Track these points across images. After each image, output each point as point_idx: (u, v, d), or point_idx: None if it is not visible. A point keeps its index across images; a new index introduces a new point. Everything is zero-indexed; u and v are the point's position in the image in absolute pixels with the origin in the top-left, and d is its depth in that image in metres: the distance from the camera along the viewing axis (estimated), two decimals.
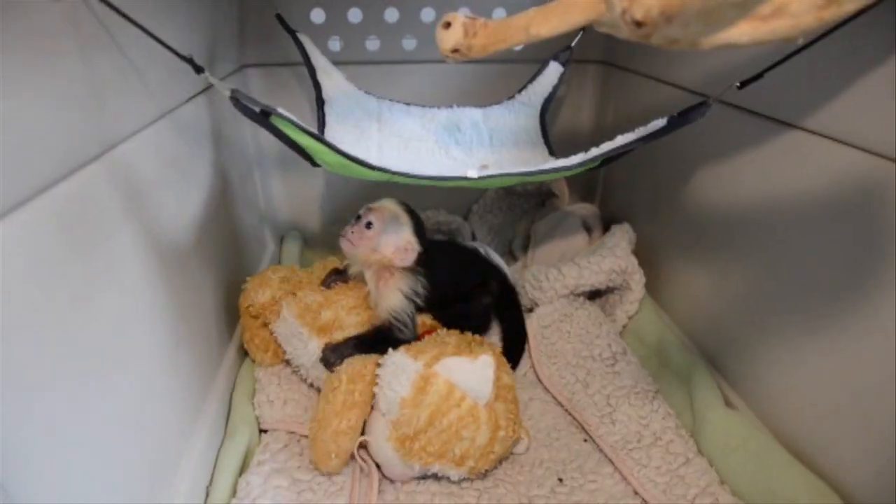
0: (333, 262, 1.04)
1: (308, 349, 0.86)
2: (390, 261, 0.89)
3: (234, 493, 0.73)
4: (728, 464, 0.77)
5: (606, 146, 0.79)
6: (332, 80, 1.08)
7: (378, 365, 0.81)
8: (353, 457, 0.79)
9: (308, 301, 0.90)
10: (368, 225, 0.89)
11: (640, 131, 0.76)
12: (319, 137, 0.74)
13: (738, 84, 0.68)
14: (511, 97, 1.17)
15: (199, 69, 0.69)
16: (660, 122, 0.74)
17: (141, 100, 0.68)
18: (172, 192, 0.75)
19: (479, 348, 0.84)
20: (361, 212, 0.92)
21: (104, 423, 0.54)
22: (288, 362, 0.92)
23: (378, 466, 0.80)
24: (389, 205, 0.92)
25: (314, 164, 0.82)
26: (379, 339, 0.86)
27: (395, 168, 0.81)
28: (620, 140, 0.78)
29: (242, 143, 1.14)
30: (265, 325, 0.91)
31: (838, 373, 0.68)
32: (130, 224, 0.61)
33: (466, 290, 1.02)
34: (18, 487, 0.42)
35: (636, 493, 0.77)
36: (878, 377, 0.63)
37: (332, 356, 0.85)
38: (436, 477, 0.79)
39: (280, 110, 0.70)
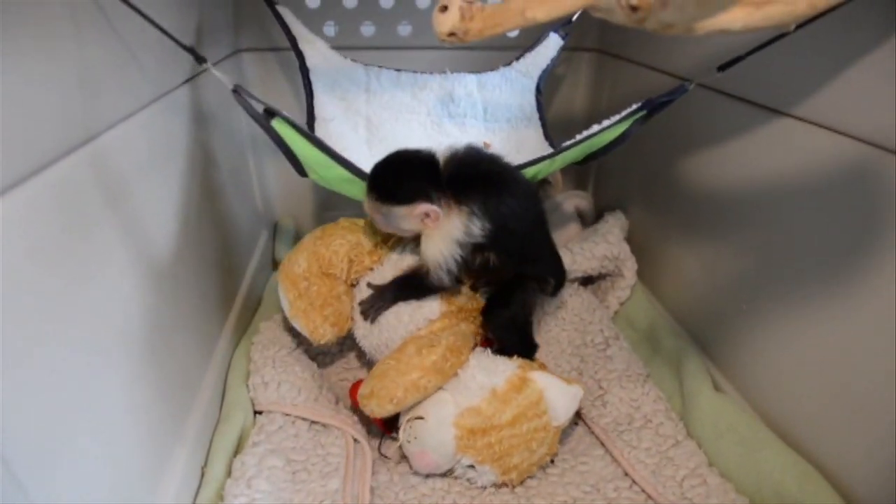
0: None
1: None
2: (425, 226, 0.79)
3: (228, 473, 0.74)
4: (717, 446, 0.78)
5: (581, 135, 0.81)
6: (316, 49, 1.04)
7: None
8: (385, 425, 0.82)
9: None
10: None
11: (614, 118, 0.78)
12: (324, 145, 0.74)
13: (717, 67, 0.69)
14: (508, 64, 1.14)
15: (201, 59, 0.69)
16: (634, 107, 0.76)
17: (134, 83, 0.67)
18: (164, 175, 0.74)
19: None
20: None
21: (100, 405, 0.54)
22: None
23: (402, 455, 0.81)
24: (365, 205, 0.82)
25: (303, 174, 0.80)
26: (414, 283, 0.84)
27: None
28: (595, 128, 0.80)
29: (236, 128, 1.14)
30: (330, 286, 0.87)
31: (825, 357, 0.69)
32: (122, 207, 0.61)
33: (527, 260, 0.86)
34: (19, 468, 0.42)
35: (626, 474, 0.78)
36: (864, 360, 0.64)
37: (378, 300, 0.85)
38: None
39: (284, 114, 0.70)
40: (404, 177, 0.79)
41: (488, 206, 0.77)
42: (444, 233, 0.78)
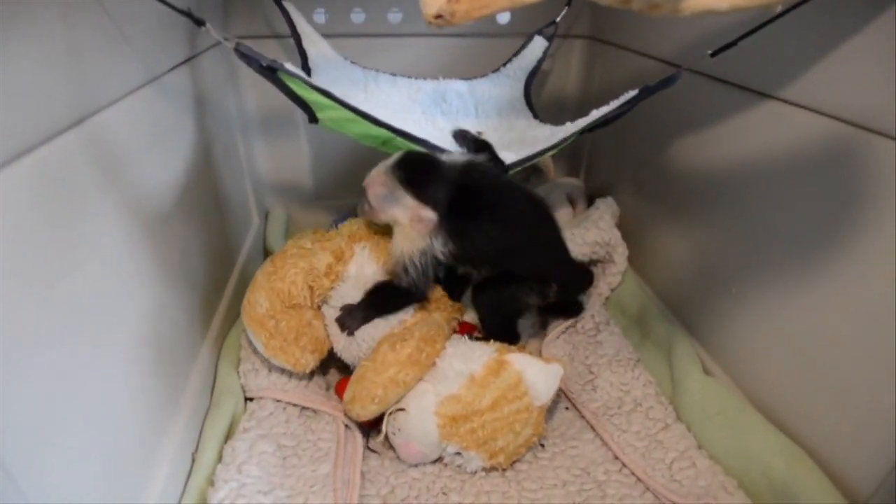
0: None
1: None
2: (410, 226, 0.81)
3: (219, 459, 0.74)
4: (706, 429, 0.78)
5: (581, 121, 0.83)
6: (318, 49, 1.07)
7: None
8: (373, 424, 0.81)
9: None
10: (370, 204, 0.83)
11: (614, 104, 0.79)
12: (328, 93, 0.75)
13: (710, 52, 0.69)
14: (496, 70, 1.18)
15: (199, 22, 0.70)
16: (631, 93, 0.77)
17: (125, 65, 0.67)
18: (156, 160, 0.74)
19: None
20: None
21: (91, 392, 0.54)
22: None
23: (390, 446, 0.80)
24: (378, 176, 0.82)
25: (314, 119, 0.83)
26: (384, 292, 0.84)
27: (398, 125, 0.83)
28: (595, 114, 0.81)
29: (227, 114, 1.13)
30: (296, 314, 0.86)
31: (814, 340, 0.70)
32: (113, 192, 0.61)
33: (517, 268, 0.88)
34: (8, 454, 0.42)
35: (616, 457, 0.79)
36: (852, 343, 0.64)
37: (349, 319, 0.84)
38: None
39: (287, 66, 0.71)
40: (434, 178, 0.81)
41: (451, 232, 0.81)
42: (413, 237, 0.81)
